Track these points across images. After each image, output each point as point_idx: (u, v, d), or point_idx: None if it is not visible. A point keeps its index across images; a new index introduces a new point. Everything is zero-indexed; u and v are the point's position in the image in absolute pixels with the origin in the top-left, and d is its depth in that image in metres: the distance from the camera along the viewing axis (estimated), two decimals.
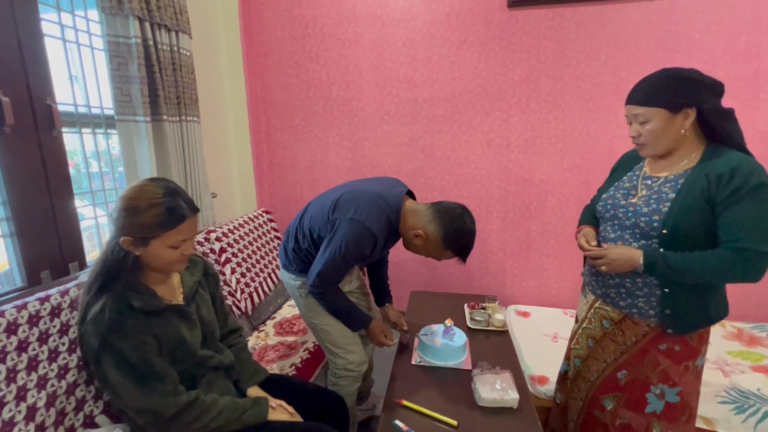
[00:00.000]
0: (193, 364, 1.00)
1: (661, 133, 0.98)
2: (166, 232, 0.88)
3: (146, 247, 0.89)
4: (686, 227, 0.96)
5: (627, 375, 1.12)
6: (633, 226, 1.05)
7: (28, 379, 0.91)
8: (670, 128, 0.97)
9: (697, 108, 0.95)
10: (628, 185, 1.12)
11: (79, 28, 1.44)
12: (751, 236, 0.90)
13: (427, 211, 1.28)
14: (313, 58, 2.34)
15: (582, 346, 1.24)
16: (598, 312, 1.19)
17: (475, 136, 2.29)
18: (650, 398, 1.11)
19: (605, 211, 1.15)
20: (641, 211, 1.03)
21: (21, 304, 0.94)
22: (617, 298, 1.12)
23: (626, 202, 1.09)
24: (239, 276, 1.82)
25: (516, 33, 2.13)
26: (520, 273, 2.40)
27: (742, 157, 0.95)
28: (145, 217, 0.87)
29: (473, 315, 1.67)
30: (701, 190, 0.95)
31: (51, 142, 1.29)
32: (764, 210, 0.91)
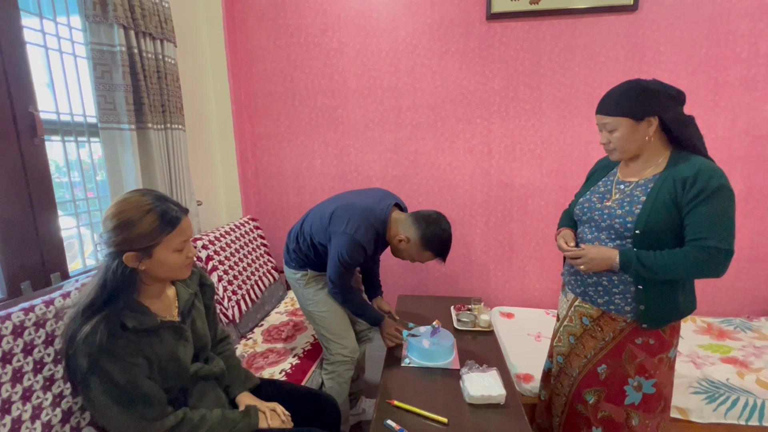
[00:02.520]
0: (184, 379, 1.00)
1: (628, 140, 1.06)
2: (167, 235, 0.88)
3: (151, 258, 0.88)
4: (657, 228, 1.04)
5: (607, 369, 1.18)
6: (608, 227, 1.12)
7: (13, 391, 0.89)
8: (635, 135, 1.05)
9: (658, 116, 1.03)
10: (603, 189, 1.19)
11: (61, 35, 1.42)
12: (713, 235, 0.98)
13: (407, 219, 1.46)
14: (298, 67, 2.37)
15: (564, 343, 1.29)
16: (577, 310, 1.24)
17: (457, 143, 2.36)
18: (628, 390, 1.17)
19: (582, 214, 1.22)
20: (615, 213, 1.10)
21: (4, 315, 0.92)
22: (595, 296, 1.18)
23: (602, 205, 1.16)
24: (226, 284, 1.81)
25: (495, 44, 2.21)
26: (504, 275, 2.47)
27: (704, 162, 1.03)
28: (142, 227, 0.85)
29: (460, 316, 1.72)
30: (669, 193, 1.02)
31: (33, 151, 1.27)
32: (724, 210, 0.99)
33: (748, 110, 2.09)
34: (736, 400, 1.53)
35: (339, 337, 1.57)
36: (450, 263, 2.49)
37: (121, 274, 0.86)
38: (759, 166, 2.14)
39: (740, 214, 2.19)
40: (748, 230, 2.20)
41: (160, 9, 1.67)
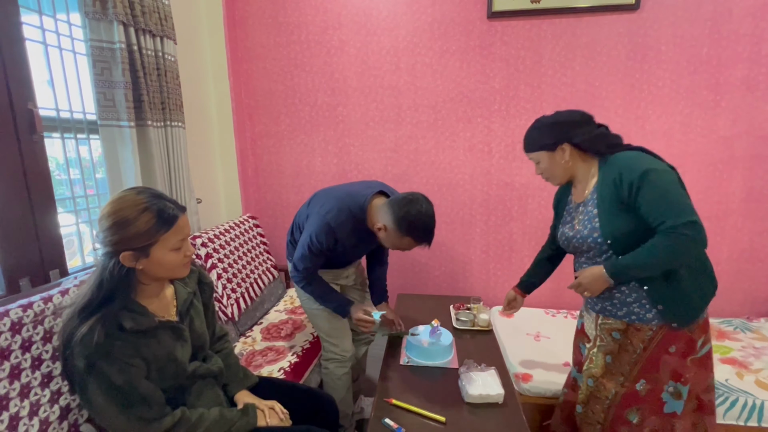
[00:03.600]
0: (182, 378, 1.00)
1: (552, 168, 1.18)
2: (164, 234, 0.88)
3: (148, 258, 0.88)
4: (622, 231, 1.08)
5: (646, 384, 1.14)
6: (588, 249, 1.17)
7: (11, 387, 0.89)
8: (555, 163, 1.16)
9: (569, 142, 1.12)
10: (568, 218, 1.25)
11: (61, 32, 1.42)
12: (667, 216, 1.00)
13: (384, 204, 1.35)
14: (299, 65, 2.37)
15: (597, 364, 1.21)
16: (604, 327, 1.20)
17: (458, 142, 2.35)
18: (665, 397, 1.14)
19: (566, 247, 1.26)
20: (584, 234, 1.15)
21: (2, 311, 0.92)
22: (614, 309, 1.17)
23: (573, 232, 1.20)
24: (225, 281, 1.81)
25: (496, 43, 2.21)
26: (504, 274, 2.47)
27: (623, 158, 1.08)
28: (138, 225, 0.85)
29: (459, 315, 1.72)
30: (611, 197, 1.08)
31: (32, 147, 1.27)
32: (663, 189, 1.02)
33: (749, 110, 2.08)
34: (735, 401, 1.53)
35: (331, 336, 1.56)
36: (449, 262, 2.49)
37: (117, 273, 0.86)
38: (759, 166, 2.13)
39: (740, 214, 2.18)
40: (748, 230, 2.19)
41: (160, 6, 1.67)
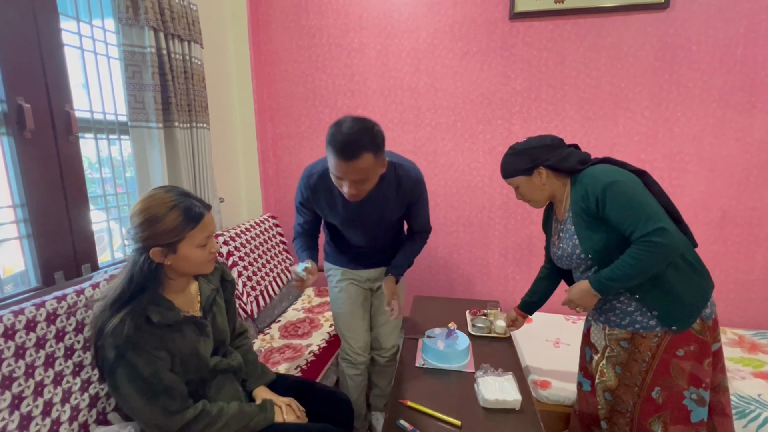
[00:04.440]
0: (204, 372, 1.03)
1: (531, 191, 1.21)
2: (190, 231, 0.91)
3: (176, 254, 0.91)
4: (600, 245, 1.10)
5: (661, 391, 1.11)
6: (577, 265, 1.20)
7: (45, 375, 0.94)
8: (534, 186, 1.19)
9: (543, 165, 1.16)
10: (555, 237, 1.28)
11: (96, 37, 1.49)
12: (636, 224, 1.02)
13: None
14: (320, 67, 2.40)
15: (609, 376, 1.19)
16: (611, 337, 1.19)
17: (477, 144, 2.33)
18: (690, 405, 1.10)
19: (560, 265, 1.28)
20: (568, 252, 1.18)
21: (39, 303, 0.98)
22: (617, 319, 1.16)
23: (561, 251, 1.22)
24: (245, 279, 1.85)
25: (517, 44, 2.18)
26: (522, 278, 2.43)
27: (586, 176, 1.11)
28: (166, 223, 0.88)
29: (475, 321, 1.69)
30: (584, 213, 1.11)
31: (68, 147, 1.33)
32: (626, 200, 1.03)
33: None
34: (767, 418, 1.45)
35: (342, 336, 1.57)
36: (467, 265, 2.47)
37: (147, 268, 0.89)
38: None
39: None
40: None
41: (189, 11, 1.73)
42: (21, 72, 1.19)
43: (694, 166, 2.12)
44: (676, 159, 2.13)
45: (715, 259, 2.16)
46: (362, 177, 1.13)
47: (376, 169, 1.16)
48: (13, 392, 0.87)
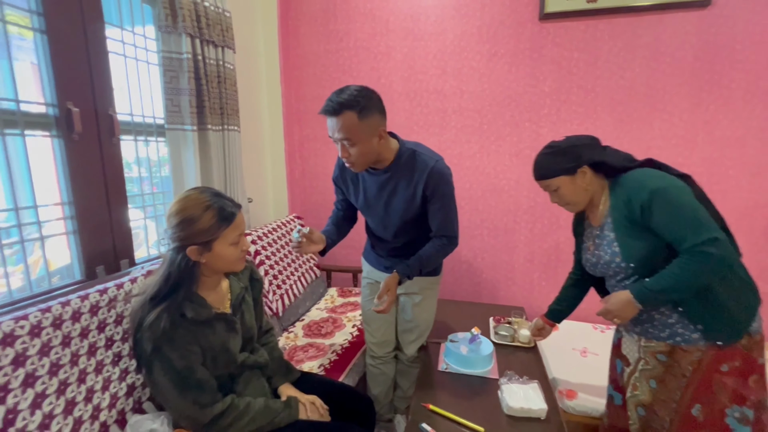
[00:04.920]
0: (232, 367, 1.06)
1: (572, 193, 1.12)
2: (225, 230, 0.95)
3: (211, 252, 0.95)
4: (644, 253, 1.03)
5: (702, 409, 1.05)
6: (614, 273, 1.13)
7: (88, 363, 1.00)
8: (576, 187, 1.11)
9: (588, 164, 1.09)
10: (588, 243, 1.21)
11: (137, 45, 1.57)
12: (686, 234, 0.96)
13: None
14: (346, 71, 2.43)
15: (643, 390, 1.13)
16: (647, 350, 1.12)
17: (504, 147, 2.30)
18: (732, 424, 1.04)
19: (593, 272, 1.22)
20: (606, 260, 1.12)
21: (84, 295, 1.04)
22: (656, 331, 1.10)
23: (595, 258, 1.16)
24: (271, 278, 1.90)
25: (547, 45, 2.14)
26: (548, 285, 2.37)
27: (630, 178, 1.06)
28: (202, 222, 0.93)
29: (498, 329, 1.66)
30: (626, 219, 1.05)
31: (110, 149, 1.41)
32: (674, 208, 0.97)
33: None
34: None
35: (366, 330, 1.63)
36: (491, 270, 2.43)
37: (184, 266, 0.94)
38: None
39: None
40: None
41: (223, 18, 1.79)
42: (70, 78, 1.27)
43: (737, 171, 2.01)
44: (716, 163, 2.03)
45: (760, 269, 2.03)
46: (346, 135, 1.15)
47: (362, 130, 1.15)
48: (60, 378, 0.93)
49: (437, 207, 1.30)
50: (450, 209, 1.34)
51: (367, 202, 1.39)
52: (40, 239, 1.23)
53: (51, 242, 1.29)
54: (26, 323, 0.89)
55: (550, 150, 1.13)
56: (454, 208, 1.35)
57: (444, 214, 1.32)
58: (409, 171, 1.27)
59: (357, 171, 1.27)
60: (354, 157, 1.20)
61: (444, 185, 1.28)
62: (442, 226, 1.34)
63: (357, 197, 1.41)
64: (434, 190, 1.27)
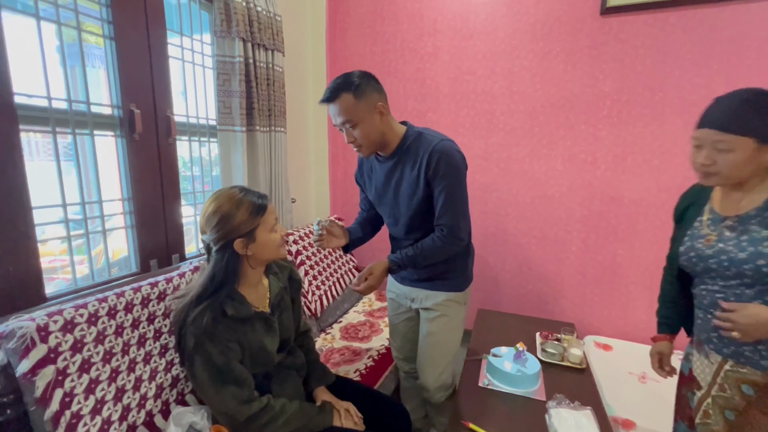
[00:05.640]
0: (270, 367, 1.07)
1: (743, 165, 0.86)
2: (262, 216, 0.99)
3: (255, 242, 0.98)
4: None
5: None
6: (738, 275, 0.90)
7: (138, 353, 1.05)
8: (754, 160, 0.85)
9: None
10: (705, 231, 0.97)
11: (195, 49, 1.65)
12: None
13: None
14: (391, 72, 2.41)
15: (716, 420, 0.97)
16: (731, 376, 0.95)
17: (556, 151, 2.16)
18: None
19: (693, 266, 0.99)
20: (738, 258, 0.89)
21: (136, 287, 1.09)
22: (756, 357, 0.91)
23: (713, 250, 0.94)
24: (311, 278, 1.91)
25: (609, 41, 1.98)
26: (602, 300, 2.19)
27: None
28: (240, 214, 0.95)
29: (545, 346, 1.54)
30: None
31: (167, 148, 1.48)
32: None
33: None
34: None
35: (390, 340, 1.56)
36: (538, 281, 2.29)
37: (230, 264, 0.96)
38: None
39: None
40: None
41: (274, 22, 1.84)
42: (134, 81, 1.35)
43: None
44: None
45: None
46: (346, 117, 1.13)
47: (360, 108, 1.11)
48: (112, 366, 0.97)
49: (438, 190, 1.15)
50: (453, 195, 1.15)
51: (378, 193, 1.31)
52: (102, 232, 1.32)
53: (113, 235, 1.38)
54: (85, 312, 0.95)
55: (756, 96, 0.85)
56: (459, 195, 1.18)
57: (444, 199, 1.15)
58: (414, 153, 1.18)
59: (365, 155, 1.22)
60: (359, 139, 1.16)
61: (446, 166, 1.13)
62: (442, 213, 1.17)
63: (371, 191, 1.35)
64: (435, 171, 1.13)
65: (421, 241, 1.22)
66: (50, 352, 0.86)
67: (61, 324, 0.89)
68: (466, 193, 1.22)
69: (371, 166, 1.33)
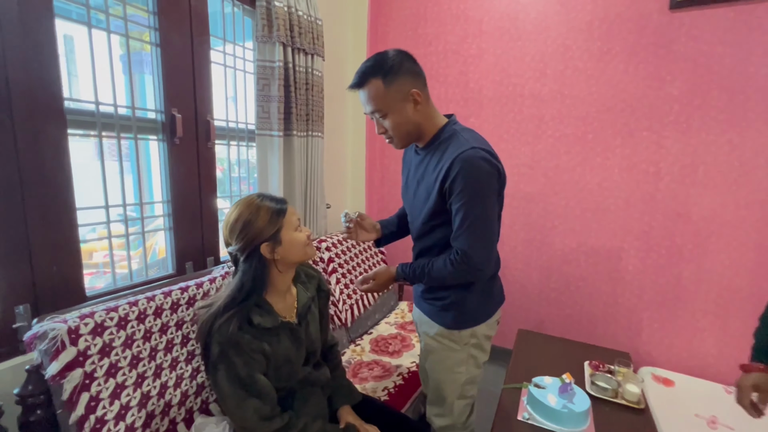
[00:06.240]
0: (294, 381, 1.02)
1: None
2: (284, 218, 0.96)
3: (281, 244, 0.95)
4: None
5: None
6: None
7: (164, 359, 1.04)
8: None
9: None
10: None
11: (237, 55, 1.67)
12: None
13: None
14: (433, 76, 2.33)
15: None
16: None
17: (612, 160, 1.96)
18: None
19: None
20: None
21: (167, 291, 1.09)
22: None
23: None
24: (343, 287, 1.86)
25: (679, 38, 1.77)
26: (663, 328, 1.95)
27: None
28: (262, 218, 0.93)
29: (596, 379, 1.37)
30: None
31: (206, 152, 1.50)
32: None
33: None
34: None
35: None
36: (587, 301, 2.09)
37: (258, 270, 0.94)
38: None
39: None
40: None
41: (314, 26, 1.82)
42: (177, 86, 1.38)
43: None
44: None
45: None
46: (375, 107, 1.02)
47: (390, 96, 1.00)
48: (138, 371, 0.97)
49: (456, 208, 0.98)
50: (471, 216, 0.97)
51: (405, 184, 1.20)
52: (142, 234, 1.35)
53: (159, 234, 1.41)
54: (115, 315, 0.95)
55: None
56: (480, 217, 0.97)
57: (462, 220, 0.97)
58: (440, 154, 1.02)
59: (399, 148, 1.11)
60: (390, 131, 1.05)
61: (467, 181, 0.95)
62: (457, 234, 1.00)
63: (403, 180, 1.23)
64: (453, 184, 0.96)
65: (434, 259, 1.07)
66: (79, 355, 0.86)
67: (91, 327, 0.90)
68: (490, 215, 1.00)
69: (408, 156, 1.22)
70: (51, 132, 1.05)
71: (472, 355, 1.13)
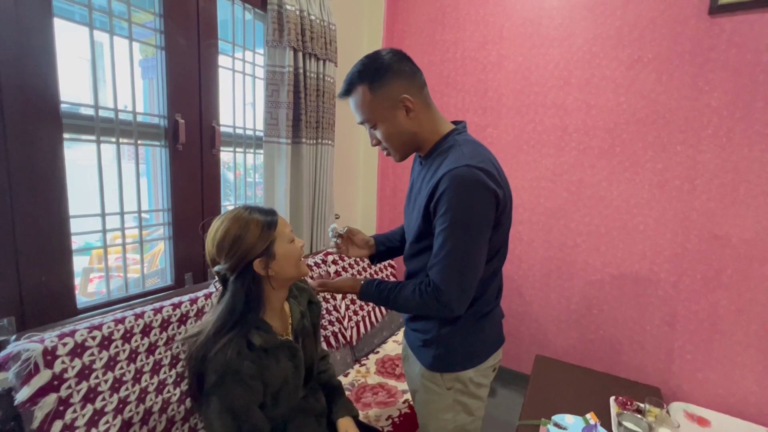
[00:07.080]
0: (289, 408, 0.93)
1: None
2: (275, 230, 0.88)
3: (275, 258, 0.87)
4: None
5: None
6: None
7: (150, 382, 0.97)
8: None
9: None
10: None
11: (246, 60, 1.62)
12: None
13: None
14: (450, 84, 2.24)
15: None
16: None
17: (642, 175, 1.82)
18: None
19: None
20: None
21: (158, 308, 1.02)
22: None
23: None
24: (348, 302, 1.77)
25: (719, 45, 1.63)
26: (696, 360, 1.78)
27: None
28: (252, 233, 0.85)
29: (624, 419, 1.23)
30: None
31: (210, 159, 1.44)
32: None
33: None
34: None
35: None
36: (611, 327, 1.94)
37: (252, 289, 0.86)
38: None
39: None
40: None
41: (327, 31, 1.76)
42: (181, 91, 1.33)
43: None
44: None
45: None
46: (363, 117, 0.91)
47: (378, 104, 0.88)
48: (120, 396, 0.90)
49: (438, 231, 0.85)
50: (450, 243, 0.82)
51: (408, 197, 1.05)
52: (140, 243, 1.30)
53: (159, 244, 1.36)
54: (98, 334, 0.89)
55: None
56: (460, 247, 0.82)
57: (440, 246, 0.84)
58: (437, 166, 0.88)
59: (397, 160, 0.98)
60: (384, 142, 0.93)
61: (452, 202, 0.81)
62: (433, 262, 0.86)
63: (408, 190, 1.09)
64: (438, 203, 0.83)
65: (404, 283, 0.92)
66: (54, 378, 0.80)
67: (70, 347, 0.83)
68: (472, 248, 0.84)
69: (417, 163, 1.05)
70: (45, 135, 1.00)
71: (459, 401, 0.95)
